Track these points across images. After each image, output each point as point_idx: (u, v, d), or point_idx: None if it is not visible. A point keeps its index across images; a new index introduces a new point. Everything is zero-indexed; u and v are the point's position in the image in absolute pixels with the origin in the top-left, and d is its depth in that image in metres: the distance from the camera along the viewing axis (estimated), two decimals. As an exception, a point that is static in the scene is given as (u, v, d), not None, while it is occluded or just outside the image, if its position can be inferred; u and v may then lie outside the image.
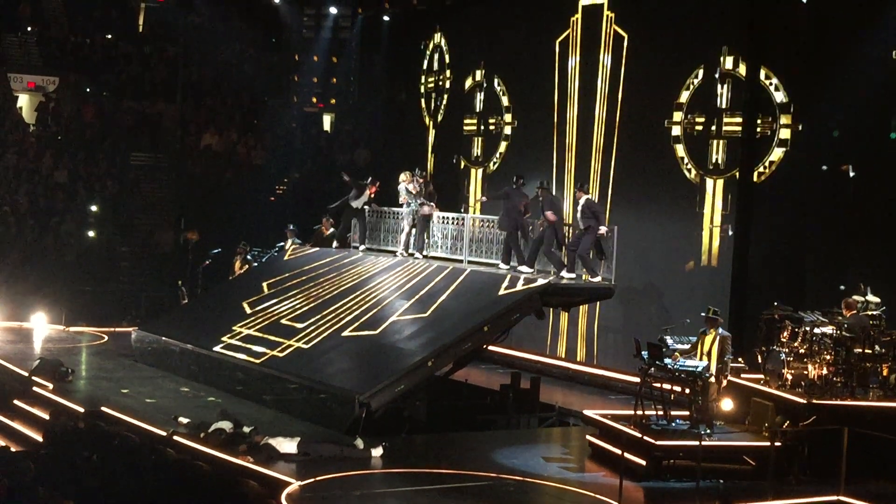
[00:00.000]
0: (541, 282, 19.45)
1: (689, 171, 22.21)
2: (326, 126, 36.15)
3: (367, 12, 31.33)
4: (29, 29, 34.54)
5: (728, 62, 21.58)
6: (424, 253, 22.44)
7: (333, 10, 32.35)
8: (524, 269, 20.24)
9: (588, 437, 16.76)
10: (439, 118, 29.40)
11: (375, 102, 32.95)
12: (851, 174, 19.31)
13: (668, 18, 22.92)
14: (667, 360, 15.68)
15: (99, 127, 32.93)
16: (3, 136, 31.26)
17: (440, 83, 29.30)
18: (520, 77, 26.60)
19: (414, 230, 22.46)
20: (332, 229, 25.28)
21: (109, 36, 35.46)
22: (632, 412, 15.97)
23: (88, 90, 34.00)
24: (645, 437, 15.09)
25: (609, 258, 19.97)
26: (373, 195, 23.89)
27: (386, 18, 31.03)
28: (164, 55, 35.26)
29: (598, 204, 20.77)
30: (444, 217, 22.53)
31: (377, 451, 15.71)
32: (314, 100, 36.04)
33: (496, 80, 27.21)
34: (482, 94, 27.62)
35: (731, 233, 21.28)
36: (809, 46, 20.27)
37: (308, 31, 33.66)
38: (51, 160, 31.26)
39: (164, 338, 22.17)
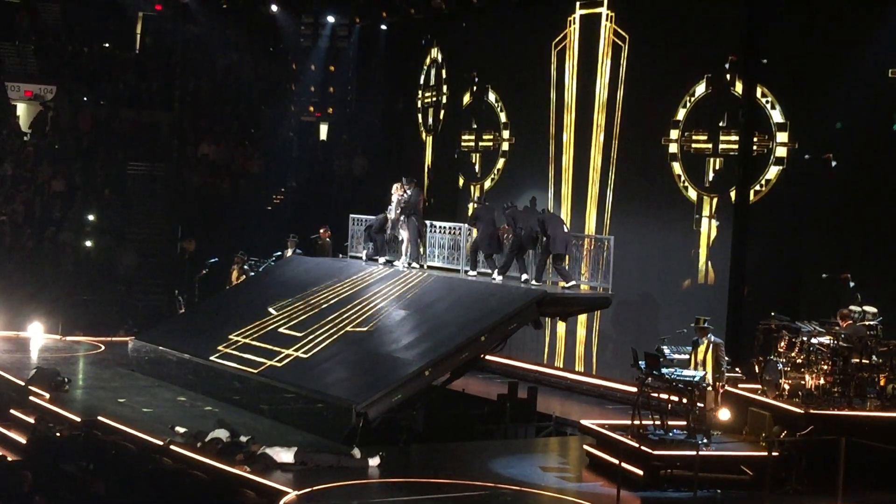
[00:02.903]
0: (538, 291, 19.48)
1: (686, 188, 22.23)
2: (323, 135, 36.14)
3: (364, 21, 31.32)
4: (27, 38, 34.51)
5: (724, 80, 21.56)
6: (421, 263, 22.41)
7: (331, 19, 32.32)
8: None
9: (585, 446, 16.75)
10: (437, 132, 29.40)
11: (373, 112, 32.95)
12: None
13: (665, 35, 22.96)
14: (664, 370, 15.68)
15: (96, 136, 32.91)
16: (1, 145, 31.25)
17: (437, 98, 29.29)
18: (516, 92, 26.59)
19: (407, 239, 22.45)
20: (328, 239, 25.30)
21: (107, 45, 35.45)
22: (629, 422, 15.96)
23: (86, 99, 33.97)
24: (642, 447, 15.09)
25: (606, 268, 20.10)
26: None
27: (383, 27, 31.03)
28: (162, 64, 35.26)
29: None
30: (441, 227, 22.53)
31: (374, 461, 15.70)
32: (311, 109, 35.99)
33: (493, 96, 27.19)
34: (479, 109, 27.62)
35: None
36: (805, 65, 20.26)
37: (305, 41, 33.59)
38: (48, 169, 31.25)
39: (161, 347, 22.16)
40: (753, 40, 21.00)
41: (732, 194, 21.26)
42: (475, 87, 27.61)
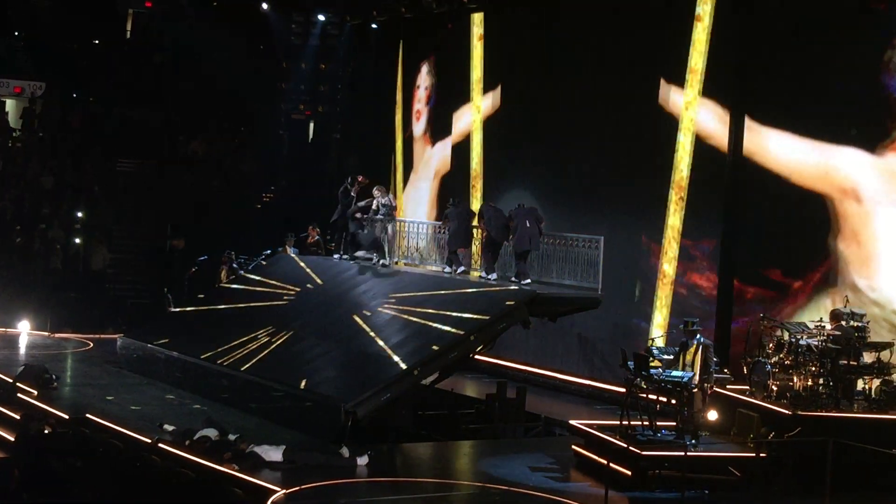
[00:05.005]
0: (528, 291, 19.51)
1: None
2: (314, 133, 36.13)
3: (355, 20, 31.31)
4: (16, 33, 34.46)
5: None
6: (397, 261, 22.63)
7: (321, 18, 32.33)
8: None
9: (574, 446, 16.77)
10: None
11: (364, 110, 32.93)
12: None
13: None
14: (652, 371, 15.71)
15: (85, 133, 32.86)
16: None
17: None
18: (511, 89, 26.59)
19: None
20: (317, 238, 25.29)
21: (97, 42, 35.42)
22: (617, 422, 15.99)
23: (75, 96, 33.93)
24: (630, 448, 15.11)
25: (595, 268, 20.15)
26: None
27: (374, 26, 31.03)
28: (152, 62, 35.22)
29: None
30: (431, 227, 22.62)
31: (363, 460, 15.70)
32: (302, 107, 35.99)
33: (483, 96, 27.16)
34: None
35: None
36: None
37: (296, 39, 33.65)
38: (37, 166, 31.20)
39: (149, 345, 22.14)
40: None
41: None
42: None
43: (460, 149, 27.39)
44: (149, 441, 16.04)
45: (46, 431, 16.35)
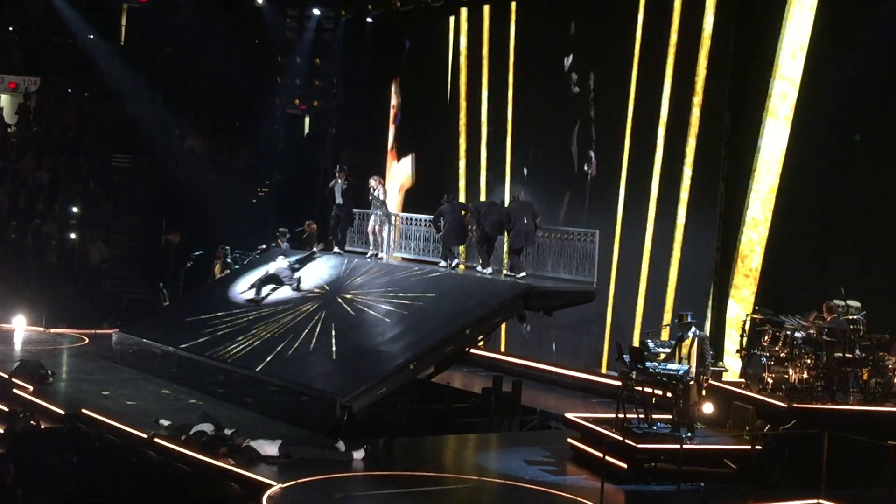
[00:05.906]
0: (523, 285, 19.52)
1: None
2: (309, 128, 36.09)
3: (349, 14, 31.28)
4: (10, 29, 34.40)
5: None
6: (391, 253, 22.82)
7: (316, 12, 32.28)
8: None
9: (569, 440, 16.79)
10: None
11: (359, 104, 32.90)
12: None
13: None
14: (648, 364, 15.73)
15: (80, 128, 32.82)
16: (-16, 137, 31.21)
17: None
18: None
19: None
20: (314, 231, 25.28)
21: (91, 36, 35.36)
22: (613, 415, 16.01)
23: (70, 91, 33.86)
24: (626, 441, 15.14)
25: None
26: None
27: (369, 20, 31.00)
28: (147, 57, 35.15)
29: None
30: (426, 220, 22.65)
31: (358, 454, 15.72)
32: (297, 101, 35.94)
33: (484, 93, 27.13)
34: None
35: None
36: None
37: (291, 33, 33.56)
38: (32, 161, 31.16)
39: (145, 340, 22.14)
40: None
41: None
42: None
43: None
44: (145, 436, 16.02)
45: (33, 424, 16.31)
